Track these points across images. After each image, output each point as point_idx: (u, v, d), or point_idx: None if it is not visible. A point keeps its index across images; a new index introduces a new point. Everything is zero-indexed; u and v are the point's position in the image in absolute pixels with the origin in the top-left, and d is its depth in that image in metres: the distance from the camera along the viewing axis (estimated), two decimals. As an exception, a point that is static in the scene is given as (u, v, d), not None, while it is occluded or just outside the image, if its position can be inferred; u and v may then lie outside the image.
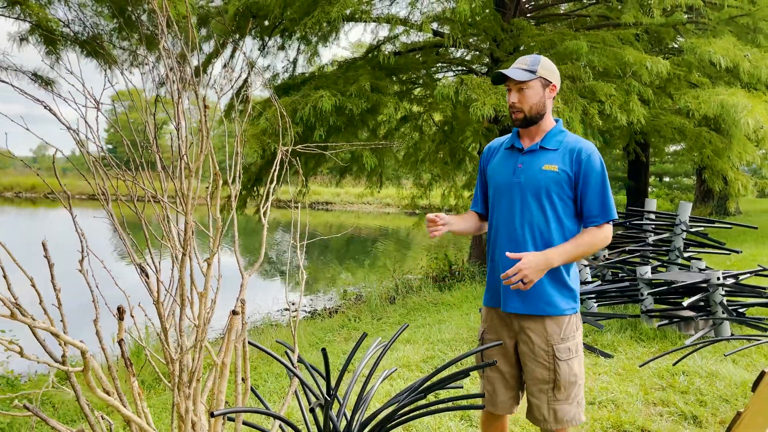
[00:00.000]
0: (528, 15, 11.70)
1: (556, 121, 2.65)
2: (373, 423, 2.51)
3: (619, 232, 7.64)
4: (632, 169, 17.48)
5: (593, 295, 6.49)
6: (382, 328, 7.26)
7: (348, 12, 7.76)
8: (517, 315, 2.55)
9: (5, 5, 5.19)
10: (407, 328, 7.05)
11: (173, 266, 2.17)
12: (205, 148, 2.12)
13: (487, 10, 9.54)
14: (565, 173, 2.49)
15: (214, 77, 10.92)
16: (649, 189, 34.91)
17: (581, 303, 6.69)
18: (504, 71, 2.51)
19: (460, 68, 11.27)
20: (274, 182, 3.07)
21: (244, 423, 2.60)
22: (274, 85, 11.01)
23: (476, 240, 11.59)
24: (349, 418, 2.63)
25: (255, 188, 10.90)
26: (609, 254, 7.31)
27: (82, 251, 1.76)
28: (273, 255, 20.85)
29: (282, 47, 11.55)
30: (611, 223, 2.52)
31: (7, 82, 2.67)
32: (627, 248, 7.14)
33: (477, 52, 11.16)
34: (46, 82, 6.38)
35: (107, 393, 2.16)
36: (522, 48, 9.98)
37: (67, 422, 4.84)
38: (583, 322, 5.72)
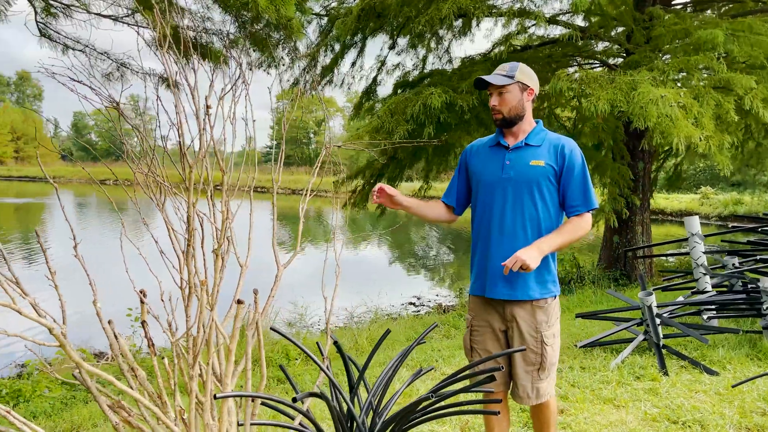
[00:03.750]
0: (673, 3, 10.89)
1: (537, 122, 2.88)
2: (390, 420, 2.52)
3: (752, 239, 6.91)
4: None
5: (712, 307, 5.94)
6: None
7: (461, 8, 7.67)
8: (508, 302, 2.75)
9: (129, 14, 5.79)
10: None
11: (177, 253, 2.32)
12: (206, 145, 2.23)
13: (624, 7, 9.03)
14: (551, 167, 2.72)
15: (342, 75, 11.32)
16: None
17: (699, 314, 6.17)
18: (484, 77, 2.75)
19: (591, 62, 10.74)
20: (314, 177, 3.15)
21: (265, 404, 2.71)
22: (396, 83, 11.17)
23: (607, 244, 11.02)
24: (374, 411, 2.65)
25: (377, 184, 11.08)
26: (740, 262, 6.64)
27: (74, 238, 1.94)
28: (419, 250, 21.21)
29: (412, 45, 11.63)
30: (591, 212, 2.76)
31: (77, 81, 2.95)
32: (759, 257, 6.43)
33: (607, 44, 10.58)
34: (172, 84, 6.94)
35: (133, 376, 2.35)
36: (660, 36, 9.29)
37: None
38: (687, 336, 5.28)
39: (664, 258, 13.93)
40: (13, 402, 4.83)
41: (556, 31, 10.89)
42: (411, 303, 11.56)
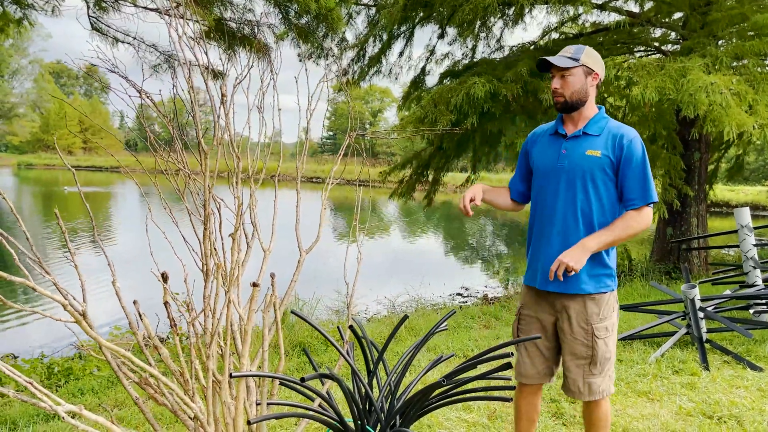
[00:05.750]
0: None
1: (599, 108, 2.73)
2: (400, 405, 2.56)
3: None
4: None
5: (762, 301, 5.72)
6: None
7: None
8: (558, 294, 2.68)
9: (174, 7, 5.92)
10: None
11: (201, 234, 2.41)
12: (221, 134, 2.30)
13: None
14: (608, 158, 2.60)
15: (389, 65, 11.35)
16: None
17: (748, 308, 5.96)
18: (548, 58, 2.63)
19: (645, 49, 10.42)
20: (337, 165, 3.21)
21: (286, 386, 2.79)
22: (442, 72, 11.10)
23: (660, 236, 10.72)
24: (392, 395, 2.70)
25: (425, 174, 11.10)
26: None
27: (92, 221, 2.04)
28: (474, 242, 21.14)
29: (461, 34, 11.52)
30: (650, 206, 2.61)
31: (114, 72, 3.07)
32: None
33: (664, 30, 10.25)
34: (216, 75, 7.18)
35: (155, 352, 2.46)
36: (716, 21, 8.95)
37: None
38: (731, 330, 5.13)
39: (725, 251, 13.46)
40: (64, 380, 5.08)
41: (610, 18, 10.61)
42: (458, 294, 11.55)
